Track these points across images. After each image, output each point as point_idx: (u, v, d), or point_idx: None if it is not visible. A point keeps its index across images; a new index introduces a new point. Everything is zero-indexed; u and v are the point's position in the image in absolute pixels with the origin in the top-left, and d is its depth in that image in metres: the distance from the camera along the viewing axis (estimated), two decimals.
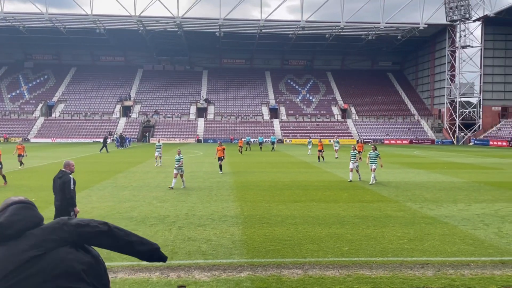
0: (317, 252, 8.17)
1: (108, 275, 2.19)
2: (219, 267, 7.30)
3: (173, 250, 8.25)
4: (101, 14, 67.49)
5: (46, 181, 18.45)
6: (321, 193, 15.62)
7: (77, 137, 65.62)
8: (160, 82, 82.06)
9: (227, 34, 72.68)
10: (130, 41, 79.48)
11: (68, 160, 8.60)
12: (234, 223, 10.59)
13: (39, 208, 8.55)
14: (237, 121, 73.25)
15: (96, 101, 75.76)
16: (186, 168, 24.91)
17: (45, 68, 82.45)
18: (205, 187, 16.87)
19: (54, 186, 8.28)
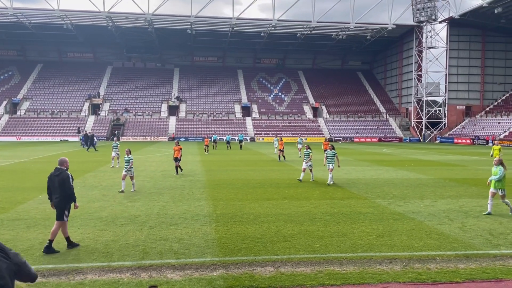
0: (289, 249, 8.26)
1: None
2: (191, 266, 7.27)
3: (145, 250, 8.16)
4: (68, 10, 65.56)
5: (11, 181, 17.85)
6: (293, 190, 15.78)
7: (43, 135, 63.59)
8: (130, 79, 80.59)
9: (198, 31, 72.11)
10: (99, 38, 77.60)
11: (63, 158, 8.66)
12: (207, 222, 10.56)
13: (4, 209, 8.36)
14: (209, 119, 72.89)
15: (64, 98, 73.64)
16: (159, 166, 24.67)
17: (9, 65, 79.36)
18: (177, 186, 16.73)
19: (52, 183, 8.30)
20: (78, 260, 7.59)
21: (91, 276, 6.78)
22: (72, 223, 10.32)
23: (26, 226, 9.99)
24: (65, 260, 7.52)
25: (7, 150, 38.34)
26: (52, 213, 11.38)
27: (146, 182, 17.93)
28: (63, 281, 6.56)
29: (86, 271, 7.01)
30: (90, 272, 6.94)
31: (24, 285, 6.36)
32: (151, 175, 20.42)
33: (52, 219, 10.75)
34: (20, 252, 7.82)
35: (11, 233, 9.37)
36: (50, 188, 8.40)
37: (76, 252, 8.02)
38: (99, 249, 8.26)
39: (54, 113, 69.84)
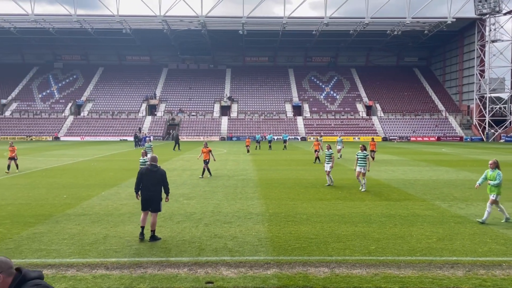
0: (343, 251, 8.13)
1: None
2: (245, 264, 7.37)
3: (200, 247, 8.38)
4: (127, 15, 68.70)
5: (77, 178, 19.01)
6: (347, 191, 15.49)
7: (104, 135, 67.11)
8: (184, 80, 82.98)
9: (250, 32, 72.75)
10: (155, 41, 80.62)
11: (154, 155, 9.40)
12: (260, 221, 10.65)
13: (71, 205, 8.89)
14: (260, 119, 73.31)
15: (123, 100, 77.26)
16: (211, 165, 25.10)
17: (73, 68, 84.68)
18: (230, 185, 16.99)
19: (149, 178, 8.94)
20: (139, 254, 7.94)
21: (150, 270, 7.07)
22: (132, 219, 10.83)
23: (91, 221, 10.59)
24: (127, 254, 7.90)
25: (72, 149, 40.86)
26: (113, 210, 12.03)
27: (200, 180, 18.38)
28: (125, 274, 6.89)
29: (146, 265, 7.32)
30: (150, 267, 7.24)
31: (90, 276, 6.77)
32: (205, 173, 20.87)
33: (114, 215, 11.37)
34: (86, 245, 8.35)
35: (78, 227, 9.98)
36: (143, 183, 9.01)
37: (137, 247, 8.40)
38: (157, 244, 8.60)
39: (114, 114, 73.48)
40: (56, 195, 14.43)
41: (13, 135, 66.72)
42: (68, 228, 9.91)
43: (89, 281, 6.54)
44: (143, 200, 9.03)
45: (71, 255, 7.84)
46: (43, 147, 45.44)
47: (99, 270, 7.04)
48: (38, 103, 75.71)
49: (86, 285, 6.38)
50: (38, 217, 11.06)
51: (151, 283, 6.48)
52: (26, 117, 72.12)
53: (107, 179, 18.72)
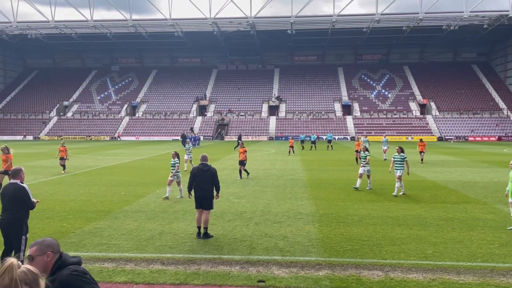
0: (398, 254, 7.90)
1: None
2: (297, 264, 7.36)
3: (251, 246, 8.47)
4: (179, 18, 70.70)
5: (133, 176, 19.85)
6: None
7: (158, 135, 69.53)
8: (233, 81, 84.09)
9: (298, 31, 72.36)
10: (205, 43, 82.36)
11: (205, 154, 9.69)
12: (310, 221, 10.58)
13: (128, 202, 9.26)
14: (308, 118, 72.73)
15: (175, 101, 79.63)
16: (261, 165, 25.33)
17: (129, 71, 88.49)
18: (279, 185, 17.02)
19: (201, 176, 9.19)
20: (193, 251, 8.17)
21: (204, 267, 7.25)
22: (186, 216, 11.15)
23: (147, 218, 11.03)
24: (182, 251, 8.15)
25: (128, 149, 42.71)
26: (167, 207, 12.43)
27: (250, 179, 18.56)
28: (180, 269, 7.11)
29: (200, 262, 7.51)
30: (203, 263, 7.43)
31: (147, 271, 7.05)
32: (254, 173, 21.07)
33: (168, 212, 11.76)
34: (143, 241, 8.71)
35: (135, 223, 10.43)
36: (196, 182, 9.23)
37: (190, 244, 8.64)
38: (210, 242, 8.79)
39: (166, 115, 75.92)
40: (114, 192, 15.16)
41: (74, 135, 70.84)
42: (126, 224, 10.39)
43: (146, 275, 6.82)
44: (197, 198, 9.25)
45: (129, 250, 8.21)
46: (101, 146, 47.86)
47: (155, 265, 7.32)
48: (97, 105, 79.83)
49: (144, 279, 6.66)
50: (98, 213, 11.68)
51: (204, 279, 6.65)
52: (86, 118, 76.29)
53: (161, 177, 19.37)
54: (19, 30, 74.77)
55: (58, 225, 10.21)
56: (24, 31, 75.27)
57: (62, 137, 67.87)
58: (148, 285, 6.46)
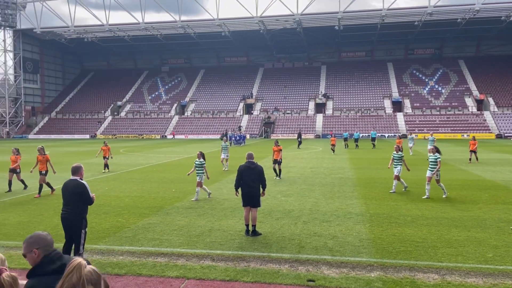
0: (455, 257, 7.53)
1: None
2: (347, 265, 7.22)
3: (300, 244, 8.41)
4: (226, 18, 71.66)
5: (183, 173, 20.35)
6: (456, 192, 14.32)
7: (206, 133, 70.93)
8: (279, 79, 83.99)
9: (346, 27, 70.96)
10: (251, 41, 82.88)
11: (250, 152, 9.78)
12: (360, 221, 10.34)
13: (179, 198, 9.45)
14: (357, 115, 71.18)
15: (222, 100, 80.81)
16: (308, 163, 25.11)
17: (178, 72, 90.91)
18: (327, 183, 16.78)
19: (248, 174, 9.28)
20: (242, 248, 8.24)
21: (253, 264, 7.29)
22: (234, 214, 11.27)
23: (197, 214, 11.26)
24: (231, 248, 8.25)
25: (177, 147, 43.88)
26: (216, 204, 12.63)
27: (297, 178, 18.45)
28: (229, 266, 7.20)
29: (249, 259, 7.56)
30: (252, 261, 7.46)
31: (197, 267, 7.19)
32: (301, 171, 20.95)
33: (217, 209, 11.94)
34: (193, 237, 8.89)
35: (185, 219, 10.68)
36: (243, 179, 9.27)
37: (239, 241, 8.72)
38: (259, 239, 8.83)
39: (214, 113, 77.24)
40: (166, 189, 15.63)
41: (127, 133, 73.81)
42: (177, 220, 10.67)
43: (197, 271, 6.96)
44: (244, 196, 9.28)
45: (180, 245, 8.42)
46: (153, 144, 49.53)
47: (206, 261, 7.45)
48: (148, 104, 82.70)
49: (195, 275, 6.80)
50: (151, 208, 12.09)
51: (254, 277, 6.68)
52: (138, 117, 79.27)
53: (210, 175, 19.70)
54: (76, 34, 79.06)
55: (114, 220, 10.67)
56: (81, 35, 79.50)
57: (117, 135, 70.95)
58: (199, 280, 6.58)
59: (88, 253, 7.82)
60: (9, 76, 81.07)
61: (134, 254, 7.91)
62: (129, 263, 7.37)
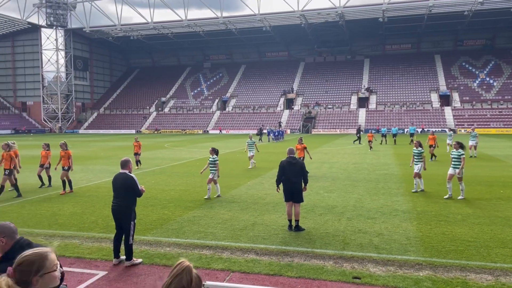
0: (510, 258, 7.16)
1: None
2: (394, 263, 7.04)
3: (345, 241, 8.30)
4: (267, 13, 71.57)
5: (226, 168, 20.62)
6: (510, 190, 13.59)
7: (246, 128, 71.35)
8: (321, 73, 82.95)
9: (391, 18, 68.90)
10: (293, 36, 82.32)
11: (291, 147, 9.86)
12: (407, 218, 10.06)
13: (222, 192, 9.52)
14: (401, 110, 69.04)
15: (263, 95, 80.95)
16: (351, 158, 24.69)
17: (220, 67, 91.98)
18: (372, 179, 16.43)
19: (290, 170, 9.30)
20: (285, 243, 8.25)
21: (297, 259, 7.27)
22: (277, 209, 11.29)
23: (240, 208, 11.38)
24: (274, 242, 8.27)
25: (219, 142, 44.48)
26: (259, 199, 12.69)
27: (339, 173, 18.20)
28: (273, 260, 7.23)
29: (293, 254, 7.55)
30: (296, 256, 7.45)
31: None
32: (344, 167, 20.64)
33: (260, 204, 12.01)
34: (237, 231, 8.99)
35: (229, 213, 10.83)
36: (285, 175, 9.26)
37: (283, 236, 8.73)
38: (302, 235, 8.80)
39: (255, 109, 77.56)
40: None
41: (171, 128, 75.67)
42: (221, 213, 10.83)
43: (242, 264, 7.04)
44: (286, 191, 9.27)
45: (225, 238, 8.55)
46: (195, 139, 50.49)
47: (250, 255, 7.52)
48: (191, 100, 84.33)
49: (239, 268, 6.88)
50: (195, 202, 12.34)
51: (298, 272, 6.67)
52: (181, 113, 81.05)
53: (251, 169, 19.86)
54: (123, 32, 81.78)
55: (160, 213, 10.99)
56: (127, 33, 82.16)
57: (161, 131, 72.86)
58: (244, 273, 6.66)
59: (136, 244, 8.10)
60: (61, 73, 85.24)
61: (180, 246, 8.11)
62: (175, 255, 7.57)
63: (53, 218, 10.50)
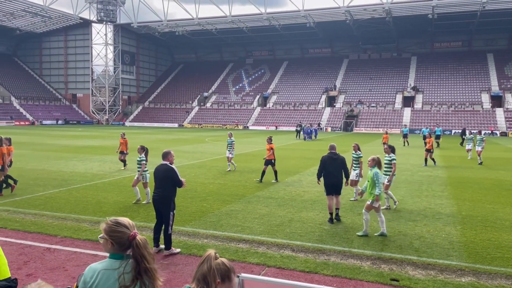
0: None
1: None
2: (435, 267, 6.81)
3: (383, 242, 8.12)
4: (311, 9, 70.81)
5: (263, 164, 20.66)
6: None
7: (286, 125, 71.16)
8: (365, 71, 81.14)
9: (441, 15, 66.13)
10: (336, 32, 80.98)
11: (333, 143, 10.19)
12: (450, 222, 9.69)
13: (259, 188, 9.58)
14: (449, 110, 66.30)
15: (304, 92, 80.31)
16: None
17: (262, 63, 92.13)
18: (414, 181, 15.94)
19: (332, 164, 9.82)
20: (321, 241, 8.18)
21: (334, 258, 7.19)
22: (314, 206, 11.20)
23: (277, 204, 11.40)
24: (311, 240, 8.23)
25: (258, 137, 44.66)
26: (296, 196, 12.65)
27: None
28: (309, 258, 7.19)
29: (329, 253, 7.48)
30: (332, 255, 7.37)
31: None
32: None
33: (297, 200, 11.98)
34: (273, 226, 9.01)
35: (266, 209, 10.87)
36: (327, 169, 9.81)
37: (319, 234, 8.66)
38: (339, 233, 8.69)
39: (295, 105, 77.13)
40: (247, 178, 16.02)
41: (212, 123, 76.76)
42: (258, 208, 10.89)
43: (277, 260, 7.05)
44: (328, 185, 9.72)
45: (261, 233, 8.59)
46: (235, 135, 50.82)
47: (286, 251, 7.52)
48: (232, 96, 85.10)
49: (275, 263, 6.90)
50: (233, 196, 12.48)
51: (334, 271, 6.60)
52: (222, 108, 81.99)
53: (290, 166, 19.81)
54: (168, 28, 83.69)
55: (199, 205, 11.20)
56: (172, 29, 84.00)
57: (202, 125, 74.07)
58: (279, 269, 6.67)
59: (176, 234, 8.31)
60: (109, 67, 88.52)
61: (217, 238, 8.24)
62: (212, 247, 7.70)
63: (97, 206, 10.97)
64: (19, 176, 15.61)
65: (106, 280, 2.49)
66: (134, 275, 2.45)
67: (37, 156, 22.77)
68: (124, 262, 2.51)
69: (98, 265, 2.56)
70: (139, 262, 2.46)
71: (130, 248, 2.52)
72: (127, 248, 2.53)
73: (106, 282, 2.49)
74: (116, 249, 2.53)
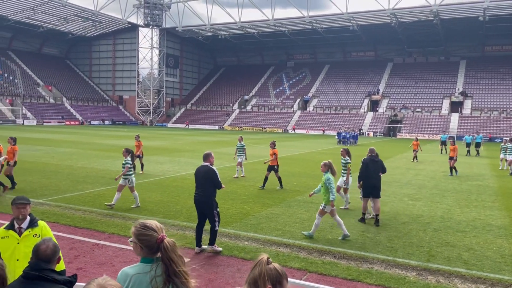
0: None
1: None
2: (485, 281, 6.49)
3: (430, 253, 7.82)
4: (355, 12, 69.77)
5: (303, 168, 20.55)
6: None
7: (327, 129, 70.34)
8: (410, 75, 78.86)
9: (493, 17, 63.16)
10: (381, 35, 79.29)
11: (372, 147, 10.48)
12: (502, 235, 9.20)
13: (300, 192, 9.52)
14: (500, 117, 63.11)
15: (346, 96, 79.14)
16: (440, 166, 23.19)
17: (303, 67, 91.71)
18: (463, 190, 15.27)
19: (373, 167, 10.11)
20: (364, 248, 8.00)
21: (377, 267, 7.01)
22: (356, 213, 10.97)
23: (316, 210, 11.24)
24: (353, 247, 8.07)
25: (299, 141, 44.44)
26: (338, 202, 12.44)
27: (426, 181, 17.19)
28: (352, 265, 7.05)
29: (372, 261, 7.30)
30: (376, 263, 7.19)
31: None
32: (431, 174, 19.45)
33: (338, 206, 11.77)
34: (315, 232, 8.91)
35: (306, 213, 10.77)
36: (369, 171, 10.05)
37: (362, 241, 8.48)
38: (382, 242, 8.46)
39: (337, 110, 76.12)
40: (287, 182, 15.95)
41: (252, 126, 77.19)
42: (298, 213, 10.82)
43: (319, 266, 6.97)
44: (367, 187, 10.04)
45: (302, 238, 8.52)
46: (275, 138, 50.92)
47: (327, 257, 7.41)
48: (272, 99, 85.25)
49: (316, 269, 6.82)
50: (274, 199, 12.47)
51: (378, 280, 6.43)
52: (262, 111, 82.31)
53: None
54: (212, 31, 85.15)
55: (240, 207, 11.28)
56: (215, 32, 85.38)
57: (242, 128, 74.67)
58: (320, 275, 6.59)
59: (217, 235, 8.39)
60: (154, 70, 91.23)
61: (258, 241, 8.26)
62: (253, 249, 7.72)
63: (142, 204, 11.29)
64: (70, 174, 16.39)
65: (139, 285, 2.52)
66: (165, 278, 2.48)
67: (86, 155, 23.81)
68: (154, 265, 2.54)
69: (130, 269, 2.59)
70: (167, 265, 2.48)
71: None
72: (156, 251, 2.56)
73: (139, 286, 2.52)
74: (146, 252, 2.56)
